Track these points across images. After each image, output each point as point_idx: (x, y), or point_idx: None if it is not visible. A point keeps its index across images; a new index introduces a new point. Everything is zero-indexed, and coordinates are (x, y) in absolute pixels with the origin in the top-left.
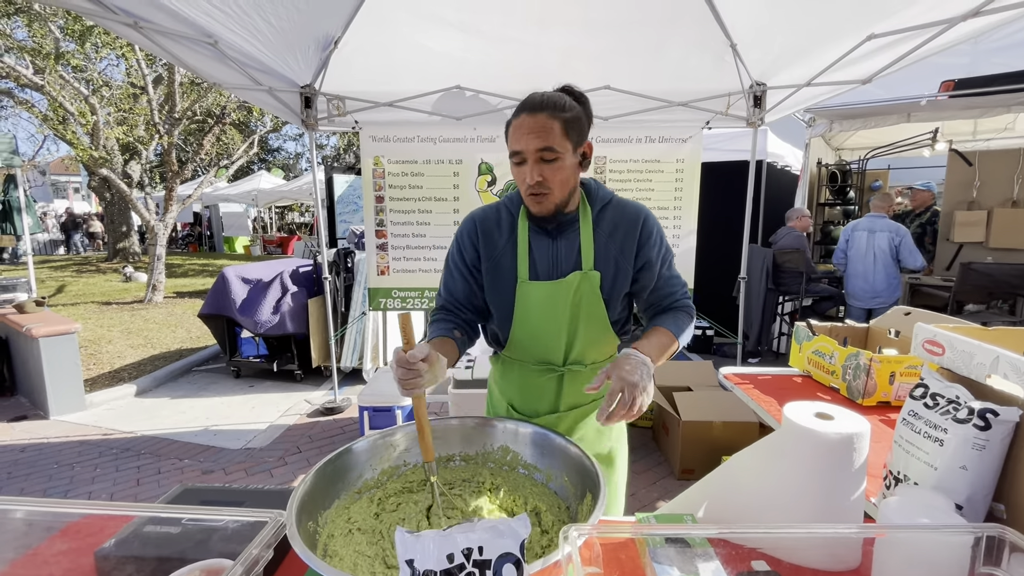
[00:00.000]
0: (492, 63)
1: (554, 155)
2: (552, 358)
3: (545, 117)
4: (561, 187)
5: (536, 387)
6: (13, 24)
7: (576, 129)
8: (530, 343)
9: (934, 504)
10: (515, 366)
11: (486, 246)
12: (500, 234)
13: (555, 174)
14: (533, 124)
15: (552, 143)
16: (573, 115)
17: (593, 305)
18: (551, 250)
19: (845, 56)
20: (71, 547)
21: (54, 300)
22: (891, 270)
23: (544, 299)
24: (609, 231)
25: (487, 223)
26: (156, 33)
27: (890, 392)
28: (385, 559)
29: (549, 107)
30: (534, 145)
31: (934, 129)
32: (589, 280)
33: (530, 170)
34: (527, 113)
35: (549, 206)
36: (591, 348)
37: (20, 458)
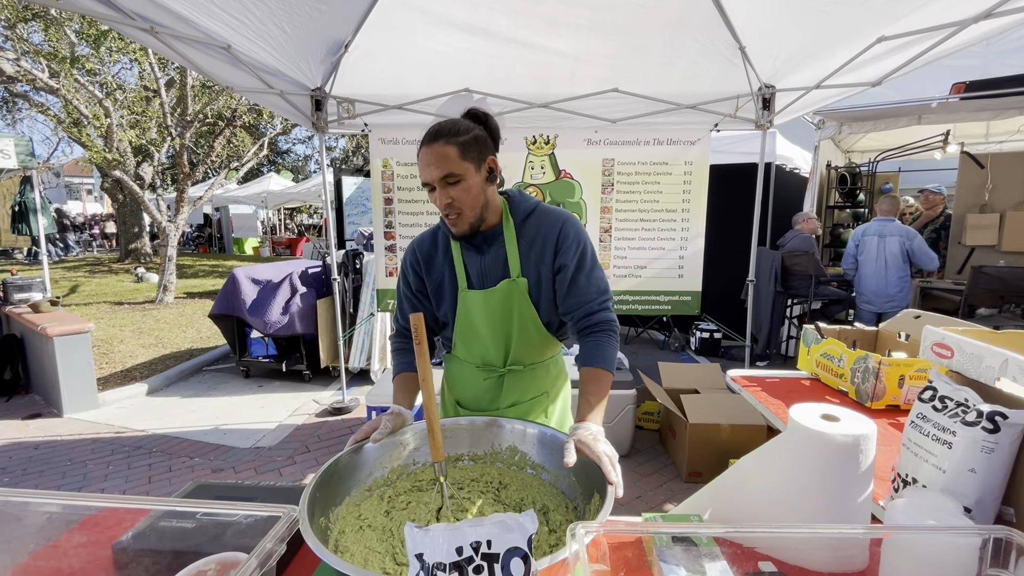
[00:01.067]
0: (500, 66)
1: (456, 178)
2: (492, 360)
3: (441, 145)
4: (471, 206)
5: (480, 386)
6: (30, 29)
7: (474, 149)
8: (472, 346)
9: (942, 506)
10: (461, 365)
11: (427, 270)
12: (437, 254)
13: (462, 194)
14: (431, 154)
15: (452, 168)
16: (469, 137)
17: (524, 310)
18: (480, 264)
19: (855, 59)
20: (89, 539)
21: (68, 300)
22: (902, 273)
23: (480, 306)
24: (531, 240)
25: (423, 248)
26: (171, 38)
27: (899, 395)
28: (395, 555)
29: (444, 135)
30: (436, 174)
31: (946, 131)
32: (518, 286)
33: (439, 195)
34: (425, 145)
35: (463, 226)
36: (528, 351)
37: (34, 455)
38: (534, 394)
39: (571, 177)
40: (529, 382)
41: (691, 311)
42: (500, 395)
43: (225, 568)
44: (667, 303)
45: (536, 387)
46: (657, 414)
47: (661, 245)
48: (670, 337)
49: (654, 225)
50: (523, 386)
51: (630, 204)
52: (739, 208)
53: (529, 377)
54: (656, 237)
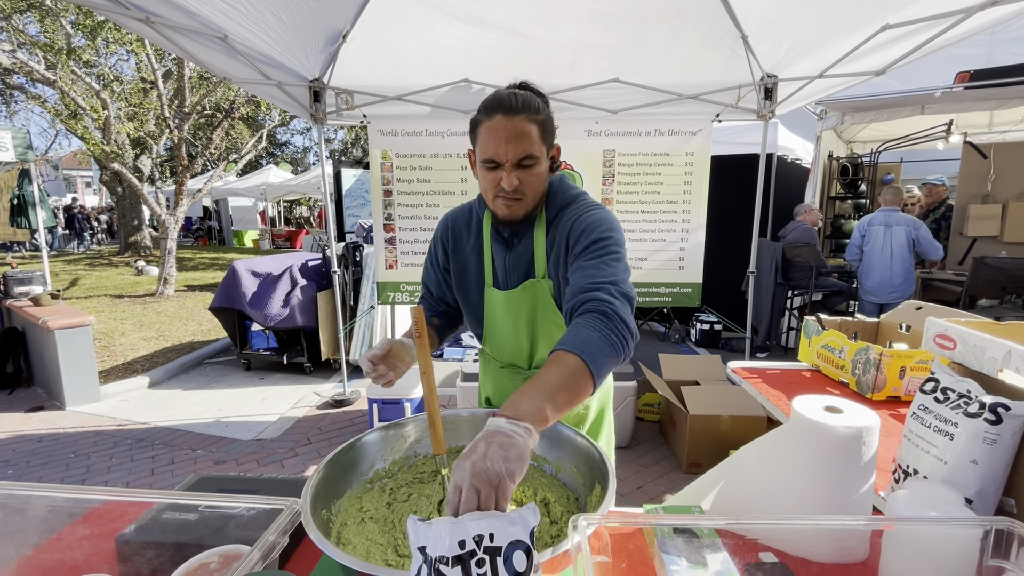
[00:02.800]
0: (500, 56)
1: (532, 160)
2: (517, 361)
3: (522, 120)
4: (535, 194)
5: (505, 386)
6: (26, 20)
7: (550, 132)
8: (498, 345)
9: (943, 498)
10: (491, 363)
11: (454, 250)
12: (469, 238)
13: (532, 180)
14: (512, 129)
15: (532, 149)
16: (547, 116)
17: (548, 312)
18: (504, 259)
19: (858, 47)
20: (93, 532)
21: (68, 293)
22: (908, 264)
23: (502, 306)
24: (559, 237)
25: (457, 225)
26: (167, 28)
27: (900, 387)
28: (397, 547)
29: (526, 109)
30: (514, 154)
31: (949, 121)
32: (541, 288)
33: (507, 176)
34: (503, 114)
35: (519, 211)
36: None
37: (38, 448)
38: None
39: (572, 168)
40: None
41: (692, 303)
42: None
43: (228, 560)
44: (668, 295)
45: None
46: (657, 405)
47: (662, 237)
48: (670, 329)
49: (655, 216)
50: None
51: (631, 195)
52: (740, 199)
53: None
54: (657, 229)
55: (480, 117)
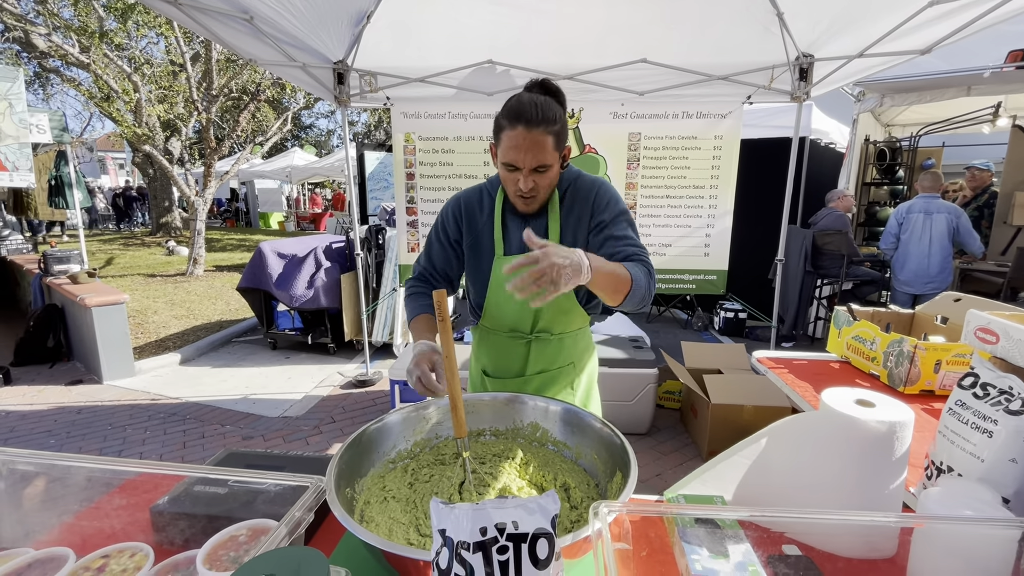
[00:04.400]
0: (526, 37)
1: (546, 168)
2: (521, 326)
3: (540, 133)
4: (547, 190)
5: (507, 353)
6: (60, 3)
7: (563, 139)
8: (502, 312)
9: (979, 496)
10: (489, 334)
11: (469, 225)
12: (481, 214)
13: (545, 182)
14: (530, 141)
15: (546, 159)
16: (561, 125)
17: None
18: (523, 228)
19: (902, 24)
20: (129, 502)
21: (103, 272)
22: (947, 253)
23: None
24: (569, 207)
25: (471, 204)
26: (194, 10)
27: (934, 381)
28: (418, 527)
29: (544, 122)
30: (530, 163)
31: (996, 103)
32: None
33: (523, 179)
34: (524, 127)
35: (535, 206)
36: (558, 319)
37: (77, 419)
38: (561, 363)
39: (596, 152)
40: (557, 351)
41: (716, 290)
42: (527, 362)
43: (256, 534)
44: (692, 282)
45: (564, 356)
46: (678, 393)
47: (688, 223)
48: (693, 316)
49: (681, 202)
50: (551, 354)
51: (656, 180)
52: (770, 184)
53: (557, 346)
54: (683, 215)
55: (503, 123)
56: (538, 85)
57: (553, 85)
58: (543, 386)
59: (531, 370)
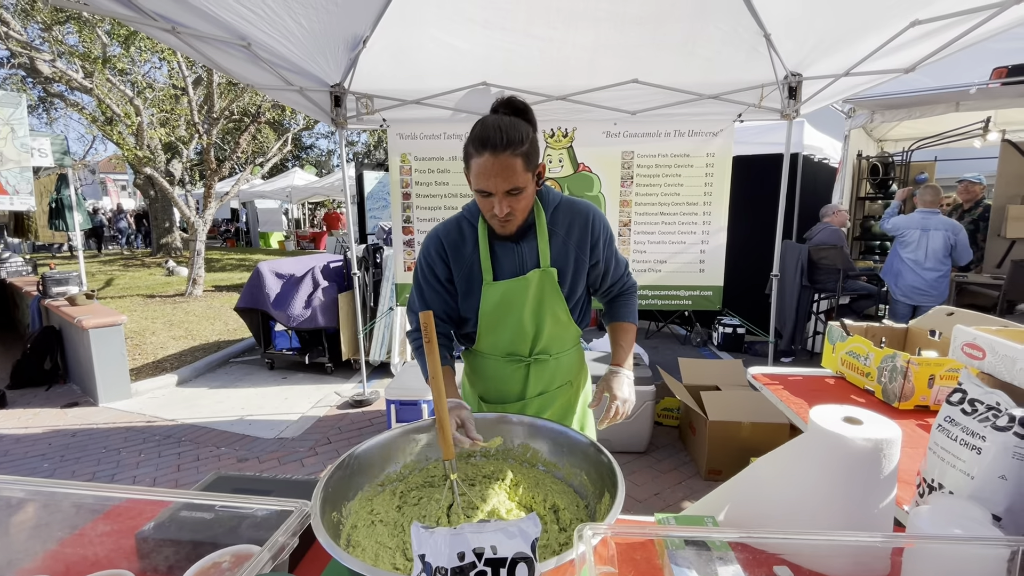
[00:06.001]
0: (518, 60)
1: (519, 190)
2: (519, 350)
3: (508, 157)
4: (524, 211)
5: (505, 378)
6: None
7: (534, 157)
8: (498, 338)
9: (970, 514)
10: (485, 360)
11: (456, 259)
12: (465, 245)
13: (521, 204)
14: (497, 166)
15: (518, 182)
16: (530, 145)
17: (554, 299)
18: (516, 253)
19: (887, 44)
20: (114, 529)
21: (102, 293)
22: (943, 268)
23: (507, 296)
24: (565, 230)
25: (450, 237)
26: (193, 38)
27: (928, 396)
28: (405, 551)
29: (510, 145)
30: (502, 188)
31: (986, 118)
32: (548, 276)
33: (498, 204)
34: (490, 153)
35: (513, 228)
36: (555, 339)
37: (72, 442)
38: (560, 382)
39: (589, 170)
40: (555, 371)
41: (712, 306)
42: (527, 385)
43: (239, 560)
44: (688, 298)
45: (562, 376)
46: (676, 411)
47: (682, 239)
48: (692, 332)
49: (675, 219)
50: (549, 375)
51: (650, 198)
52: (765, 200)
53: (555, 366)
54: (677, 231)
55: (470, 150)
56: (504, 104)
57: (520, 103)
58: (542, 408)
59: (531, 392)
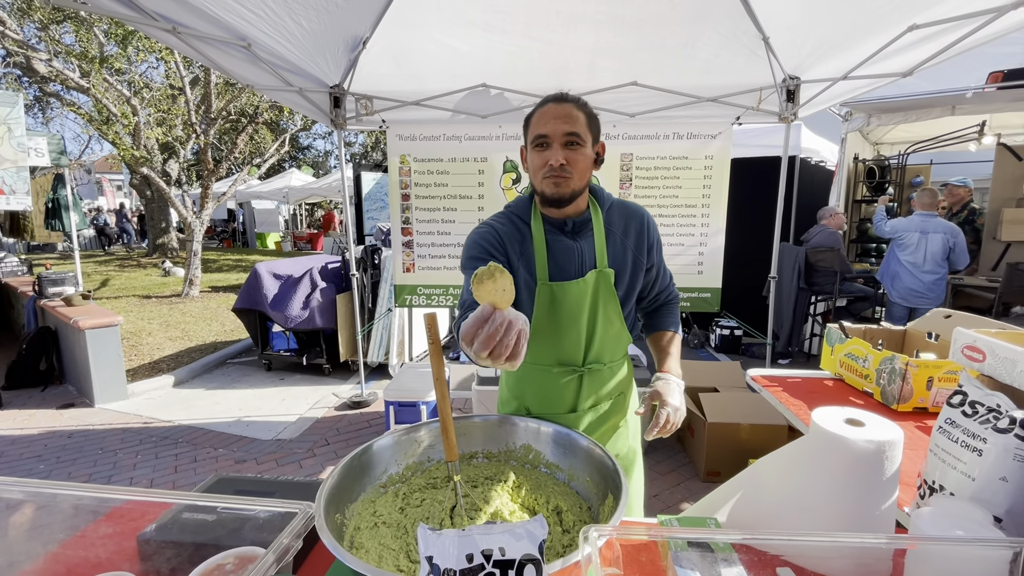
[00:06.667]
0: (517, 61)
1: (578, 142)
2: (572, 358)
3: (571, 106)
4: (581, 175)
5: (555, 388)
6: (62, 30)
7: (596, 125)
8: (550, 344)
9: (971, 516)
10: (532, 369)
11: (517, 250)
12: (519, 239)
13: (578, 160)
14: (560, 111)
15: (578, 129)
16: (593, 112)
17: (609, 303)
18: (575, 251)
19: (884, 48)
20: (115, 530)
21: (98, 294)
22: (940, 272)
23: (565, 299)
24: (622, 230)
25: (505, 228)
26: (193, 38)
27: (927, 398)
28: (409, 553)
29: (574, 100)
30: (561, 129)
31: (981, 122)
32: (605, 278)
33: (554, 153)
34: (553, 102)
35: (566, 190)
36: (608, 347)
37: (68, 443)
38: (613, 394)
39: None
40: (608, 380)
41: (711, 308)
42: (580, 396)
43: (243, 562)
44: (686, 300)
45: (615, 386)
46: None
47: (680, 241)
48: (689, 334)
49: (673, 221)
50: (602, 386)
51: (649, 200)
52: (762, 203)
53: (608, 375)
54: (675, 233)
55: (533, 111)
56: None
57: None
58: (595, 421)
59: (584, 404)
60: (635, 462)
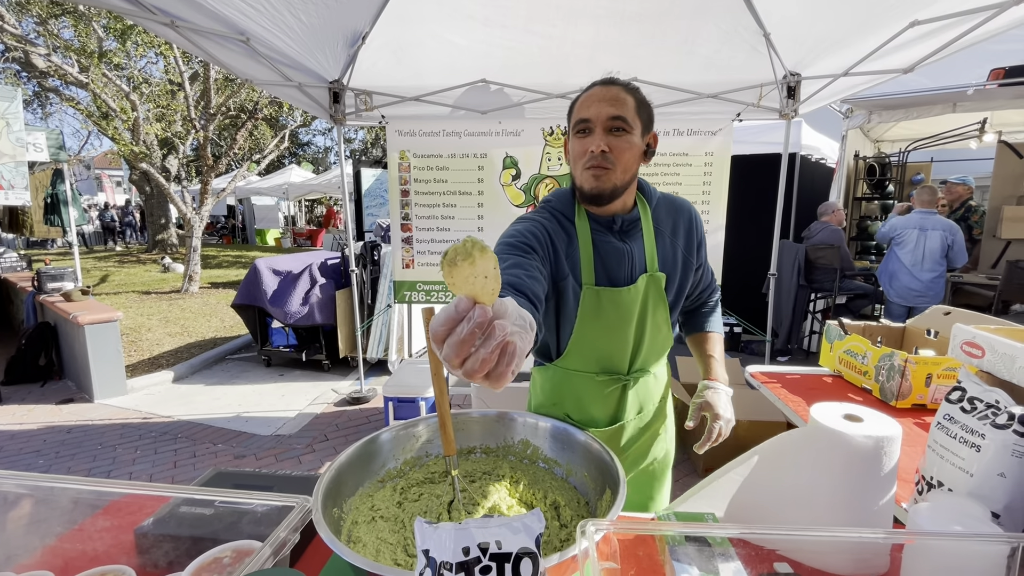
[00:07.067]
0: (517, 57)
1: (625, 128)
2: (617, 366)
3: (619, 90)
4: (624, 168)
5: (597, 397)
6: (60, 24)
7: (647, 112)
8: (594, 351)
9: (969, 511)
10: (573, 377)
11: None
12: (566, 239)
13: (622, 149)
14: (606, 93)
15: (625, 114)
16: (645, 98)
17: (659, 309)
18: (625, 254)
19: (886, 44)
20: (113, 524)
21: (98, 289)
22: (939, 269)
23: (613, 306)
24: (671, 228)
25: (551, 224)
26: (192, 32)
27: (926, 395)
28: (406, 547)
29: (623, 83)
30: (606, 112)
31: (982, 119)
32: (656, 283)
33: (596, 139)
34: (600, 85)
35: (607, 184)
36: (654, 353)
37: (67, 439)
38: (656, 401)
39: None
40: (652, 388)
41: None
42: (623, 405)
43: (240, 555)
44: None
45: (657, 393)
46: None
47: None
48: None
49: None
50: (646, 394)
51: None
52: (762, 200)
53: (652, 383)
54: None
55: (579, 95)
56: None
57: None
58: (639, 432)
59: (630, 414)
60: (670, 464)
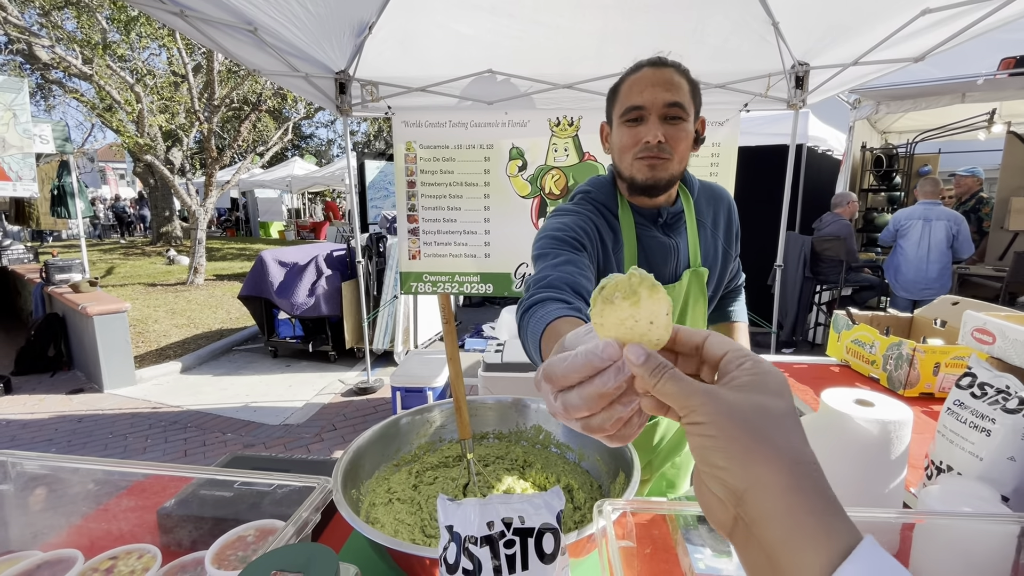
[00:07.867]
0: (524, 47)
1: (681, 115)
2: None
3: (672, 72)
4: (680, 158)
5: None
6: (64, 16)
7: (698, 97)
8: None
9: (979, 494)
10: None
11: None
12: (611, 234)
13: (679, 139)
14: (660, 76)
15: (681, 99)
16: (696, 81)
17: (699, 304)
18: (671, 248)
19: (896, 33)
20: (136, 504)
21: (104, 281)
22: (945, 260)
23: None
24: (712, 220)
25: (597, 220)
26: (200, 21)
27: (934, 383)
28: (424, 528)
29: (674, 65)
30: (662, 98)
31: (991, 110)
32: (699, 278)
33: (652, 127)
34: (650, 67)
35: (664, 174)
36: None
37: (78, 428)
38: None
39: (595, 159)
40: None
41: None
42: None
43: (264, 534)
44: None
45: None
46: None
47: None
48: None
49: None
50: None
51: None
52: (769, 191)
53: None
54: None
55: (623, 77)
56: None
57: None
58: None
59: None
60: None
